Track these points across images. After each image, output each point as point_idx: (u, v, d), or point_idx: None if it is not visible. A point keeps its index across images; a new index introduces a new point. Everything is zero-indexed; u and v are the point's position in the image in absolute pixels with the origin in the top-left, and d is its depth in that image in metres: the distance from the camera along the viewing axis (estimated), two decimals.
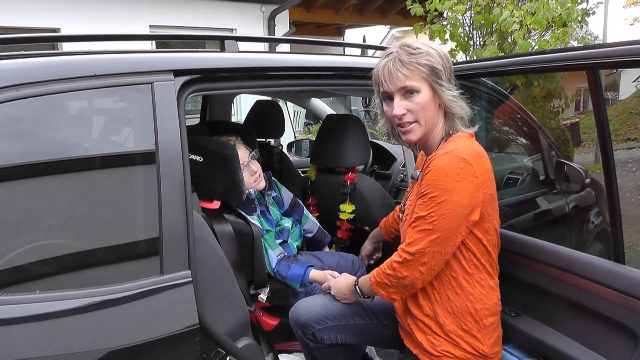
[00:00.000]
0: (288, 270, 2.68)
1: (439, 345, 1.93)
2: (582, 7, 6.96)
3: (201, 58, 2.13)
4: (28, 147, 1.72)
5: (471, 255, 1.89)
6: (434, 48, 1.86)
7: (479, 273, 1.92)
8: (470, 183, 1.75)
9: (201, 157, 2.51)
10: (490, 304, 1.94)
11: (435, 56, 1.84)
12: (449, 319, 1.93)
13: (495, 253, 1.97)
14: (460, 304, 1.91)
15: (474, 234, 1.87)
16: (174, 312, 1.76)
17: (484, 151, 1.89)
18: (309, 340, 2.33)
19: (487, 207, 1.85)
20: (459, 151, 1.78)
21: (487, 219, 1.86)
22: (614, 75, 19.74)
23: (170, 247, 1.76)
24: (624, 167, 12.08)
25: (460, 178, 1.74)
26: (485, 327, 1.93)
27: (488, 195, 1.83)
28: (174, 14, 8.29)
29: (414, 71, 1.82)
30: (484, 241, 1.89)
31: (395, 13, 13.55)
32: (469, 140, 1.90)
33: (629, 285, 1.77)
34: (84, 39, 2.03)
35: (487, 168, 1.83)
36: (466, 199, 1.76)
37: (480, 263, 1.91)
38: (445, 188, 1.75)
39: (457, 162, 1.75)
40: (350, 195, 3.16)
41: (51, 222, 1.78)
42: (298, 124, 12.47)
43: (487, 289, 1.94)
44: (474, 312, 1.91)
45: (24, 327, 1.57)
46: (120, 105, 1.96)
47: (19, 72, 1.68)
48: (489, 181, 1.83)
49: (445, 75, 1.85)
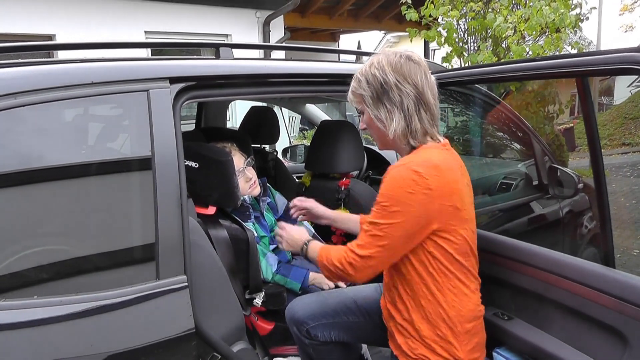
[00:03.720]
0: (290, 271, 2.69)
1: (416, 348, 1.95)
2: (576, 13, 7.00)
3: (196, 65, 2.15)
4: (25, 155, 1.74)
5: (438, 263, 1.89)
6: (364, 75, 1.94)
7: (449, 281, 1.92)
8: (423, 195, 1.77)
9: (197, 164, 2.53)
10: (464, 310, 1.94)
11: (363, 82, 1.94)
12: (424, 325, 1.94)
13: (467, 262, 1.95)
14: (433, 310, 1.92)
15: (437, 242, 1.87)
16: (170, 317, 1.78)
17: (450, 161, 1.91)
18: (303, 336, 2.36)
19: (449, 218, 1.85)
20: (414, 164, 1.82)
21: (449, 230, 1.86)
22: (608, 80, 19.77)
23: (166, 252, 1.78)
24: (619, 171, 12.08)
25: (412, 190, 1.77)
26: (460, 334, 1.93)
27: (448, 207, 1.83)
28: (169, 20, 8.29)
29: (354, 94, 2.01)
30: (449, 249, 1.88)
31: (389, 18, 13.59)
32: (434, 151, 1.91)
33: (618, 288, 1.79)
34: (80, 47, 2.04)
35: (447, 180, 1.83)
36: (418, 211, 1.79)
37: (449, 271, 1.91)
38: (397, 199, 1.79)
39: (409, 175, 1.79)
40: (344, 200, 3.17)
41: (48, 229, 1.79)
42: (293, 130, 12.47)
43: (460, 296, 1.93)
44: (447, 319, 1.91)
45: (22, 333, 1.58)
46: (116, 112, 1.98)
47: (17, 80, 1.70)
48: (450, 193, 1.83)
49: (369, 100, 1.95)
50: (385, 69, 1.89)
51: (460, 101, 3.79)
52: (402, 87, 1.88)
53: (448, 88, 2.98)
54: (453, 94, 3.38)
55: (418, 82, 1.89)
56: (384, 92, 1.90)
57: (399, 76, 1.88)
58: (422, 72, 1.91)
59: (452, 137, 6.02)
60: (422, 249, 1.89)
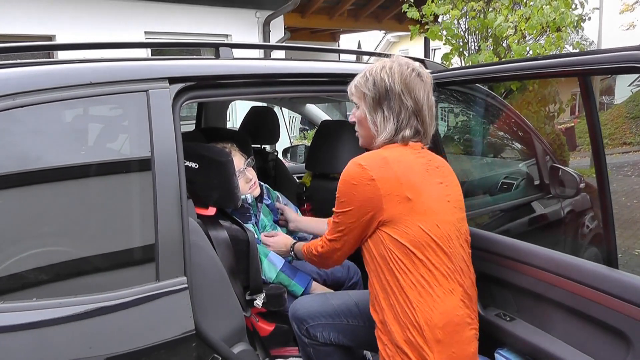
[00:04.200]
0: (296, 274, 2.69)
1: (392, 355, 1.93)
2: (578, 13, 6.99)
3: (196, 65, 2.14)
4: (24, 156, 1.73)
5: (396, 257, 1.89)
6: (373, 75, 2.03)
7: (409, 278, 1.88)
8: (365, 186, 1.90)
9: (197, 164, 2.52)
10: (433, 313, 1.87)
11: (370, 82, 2.03)
12: (395, 327, 1.91)
13: (431, 257, 1.90)
14: (401, 310, 1.89)
15: (391, 235, 1.90)
16: (170, 319, 1.77)
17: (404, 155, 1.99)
18: (303, 335, 2.38)
19: (399, 208, 1.89)
20: (361, 158, 1.96)
21: (401, 220, 1.89)
22: (609, 79, 19.76)
23: (166, 253, 1.77)
24: (620, 171, 12.08)
25: (356, 182, 1.92)
26: (431, 341, 1.86)
27: (396, 197, 1.88)
28: (169, 20, 8.29)
29: (357, 89, 2.09)
30: (402, 241, 1.88)
31: (390, 18, 13.59)
32: (390, 149, 2.01)
33: (621, 289, 1.78)
34: (79, 47, 2.04)
35: (394, 170, 1.91)
36: (363, 200, 1.92)
37: (407, 266, 1.88)
38: (344, 191, 1.98)
39: (354, 168, 1.95)
40: None
41: (48, 230, 1.79)
42: (293, 130, 12.47)
43: (425, 296, 1.87)
44: (415, 321, 1.86)
45: (21, 335, 1.57)
46: (116, 112, 1.97)
47: (16, 81, 1.69)
48: (398, 184, 1.89)
49: (370, 101, 2.04)
50: (395, 77, 1.99)
51: (461, 101, 3.78)
52: (404, 99, 1.99)
53: (449, 88, 2.97)
54: (454, 94, 3.38)
55: (419, 99, 2.00)
56: (387, 98, 2.01)
57: (405, 88, 1.99)
58: (425, 90, 2.02)
59: (452, 137, 6.01)
60: (382, 244, 1.93)
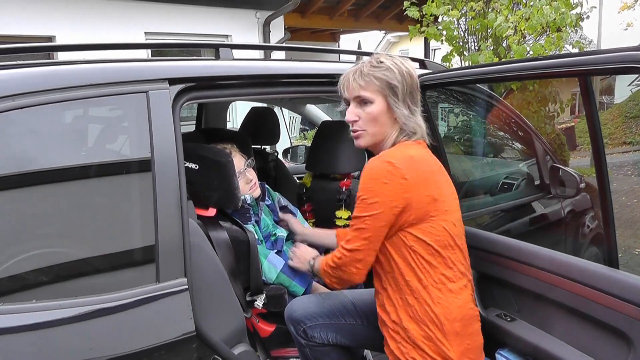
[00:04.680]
0: (296, 275, 2.68)
1: (407, 352, 1.94)
2: (577, 12, 6.99)
3: (196, 66, 2.14)
4: (24, 157, 1.73)
5: (419, 257, 1.91)
6: (398, 65, 1.96)
7: (432, 276, 1.92)
8: (398, 185, 1.84)
9: (197, 165, 2.52)
10: (452, 307, 1.92)
11: (396, 73, 1.94)
12: (411, 325, 1.93)
13: (452, 255, 1.95)
14: (420, 308, 1.91)
15: (416, 235, 1.90)
16: (170, 320, 1.77)
17: (426, 155, 1.98)
18: (300, 336, 2.36)
19: (427, 208, 1.89)
20: (388, 156, 1.89)
21: (429, 220, 1.90)
22: (609, 79, 19.76)
23: (166, 254, 1.77)
24: (620, 170, 12.08)
25: (387, 180, 1.84)
26: (450, 333, 1.90)
27: (425, 197, 1.88)
28: (169, 21, 8.29)
29: (369, 83, 1.96)
30: (430, 242, 1.90)
31: (390, 18, 13.58)
32: (411, 146, 1.98)
33: (622, 289, 1.78)
34: (79, 48, 2.04)
35: (422, 171, 1.90)
36: (395, 200, 1.85)
37: (431, 265, 1.91)
38: (374, 190, 1.87)
39: (384, 166, 1.86)
40: (345, 201, 3.16)
41: (48, 231, 1.79)
42: (294, 130, 12.47)
43: (445, 292, 1.92)
44: (434, 317, 1.90)
45: (21, 336, 1.57)
46: (116, 113, 1.97)
47: (16, 82, 1.69)
48: (425, 183, 1.89)
49: (401, 93, 1.95)
50: (414, 75, 1.99)
51: (461, 100, 3.78)
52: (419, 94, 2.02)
53: (449, 88, 2.97)
54: (454, 94, 3.37)
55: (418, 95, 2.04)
56: (412, 90, 1.99)
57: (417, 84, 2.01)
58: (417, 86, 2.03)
59: (452, 137, 6.01)
60: (403, 245, 1.92)
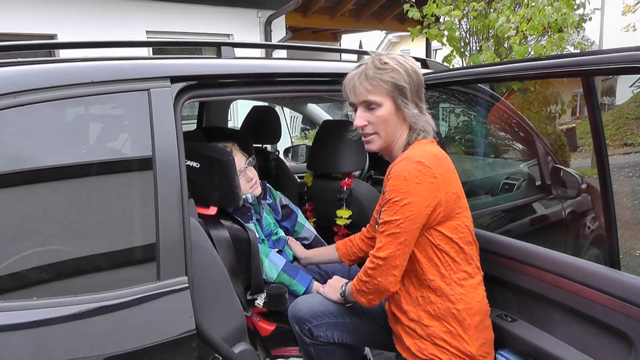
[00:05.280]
0: (297, 274, 2.68)
1: (426, 349, 1.95)
2: (579, 13, 6.99)
3: (197, 65, 2.14)
4: (25, 154, 1.73)
5: (445, 256, 1.93)
6: (402, 64, 1.94)
7: (455, 274, 1.95)
8: (430, 184, 1.84)
9: (198, 164, 2.51)
10: (472, 302, 1.96)
11: (402, 73, 1.92)
12: (433, 322, 1.95)
13: (471, 251, 2.00)
14: (442, 306, 1.94)
15: (444, 233, 1.91)
16: (170, 318, 1.77)
17: (444, 153, 1.99)
18: (305, 335, 2.35)
19: (453, 205, 1.91)
20: (416, 155, 1.87)
21: (454, 217, 1.92)
22: (610, 80, 19.74)
23: (167, 253, 1.77)
24: (621, 172, 12.08)
25: (420, 180, 1.83)
26: (470, 328, 1.94)
27: (452, 195, 1.89)
28: (170, 20, 8.29)
29: (376, 86, 1.93)
30: (456, 239, 1.93)
31: (391, 18, 13.58)
32: (428, 145, 1.97)
33: (623, 290, 1.78)
34: (81, 46, 2.03)
35: (446, 169, 1.90)
36: (428, 200, 1.84)
37: (455, 263, 1.94)
38: (407, 191, 1.83)
39: (414, 166, 1.84)
40: (346, 200, 3.16)
41: (49, 229, 1.79)
42: (295, 130, 12.46)
43: (467, 288, 1.96)
44: (457, 313, 1.93)
45: (22, 334, 1.57)
46: (117, 111, 1.97)
47: (17, 79, 1.69)
48: (450, 180, 1.90)
49: (410, 93, 1.94)
50: (416, 68, 1.97)
51: (463, 101, 3.77)
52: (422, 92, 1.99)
53: (450, 87, 2.96)
54: (455, 94, 3.37)
55: None
56: (418, 91, 1.97)
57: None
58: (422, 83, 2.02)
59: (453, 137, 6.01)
60: (429, 244, 1.93)
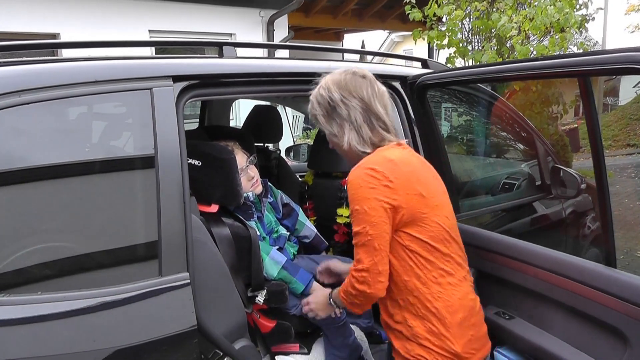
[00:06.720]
0: (297, 272, 2.69)
1: (412, 349, 1.95)
2: (582, 13, 6.98)
3: (200, 64, 2.16)
4: (29, 152, 1.75)
5: (418, 256, 1.92)
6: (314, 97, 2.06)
7: (430, 272, 1.93)
8: (384, 187, 1.86)
9: (199, 162, 2.53)
10: (452, 300, 1.94)
11: (315, 104, 2.07)
12: (416, 322, 1.94)
13: (447, 248, 1.97)
14: (422, 306, 1.93)
15: (411, 234, 1.91)
16: (172, 314, 1.79)
17: (406, 156, 2.00)
18: None
19: (417, 206, 1.90)
20: (368, 162, 1.91)
21: (421, 217, 1.91)
22: (613, 80, 19.69)
23: (168, 249, 1.79)
24: (623, 172, 12.06)
25: (373, 185, 1.86)
26: (452, 326, 1.92)
27: (414, 196, 1.89)
28: (173, 19, 8.29)
29: (313, 117, 2.12)
30: (425, 239, 1.92)
31: (393, 18, 13.56)
32: (388, 150, 1.99)
33: (619, 288, 1.80)
34: (84, 45, 2.05)
35: (404, 172, 1.91)
36: (385, 203, 1.86)
37: (429, 262, 1.93)
38: (363, 197, 1.87)
39: (366, 172, 1.88)
40: (347, 199, 3.17)
41: (52, 226, 1.81)
42: (297, 129, 12.46)
43: (445, 286, 1.94)
44: (436, 311, 1.92)
45: (26, 328, 1.60)
46: (120, 110, 1.99)
47: (22, 78, 1.71)
48: (409, 183, 1.90)
49: (322, 119, 2.07)
50: (331, 87, 2.01)
51: (464, 101, 3.78)
52: (348, 102, 1.99)
53: (451, 87, 2.98)
54: (456, 94, 3.38)
55: (364, 95, 2.00)
56: (333, 109, 2.02)
57: (344, 92, 2.00)
58: (367, 85, 2.02)
59: (455, 137, 6.01)
60: (400, 246, 1.93)
